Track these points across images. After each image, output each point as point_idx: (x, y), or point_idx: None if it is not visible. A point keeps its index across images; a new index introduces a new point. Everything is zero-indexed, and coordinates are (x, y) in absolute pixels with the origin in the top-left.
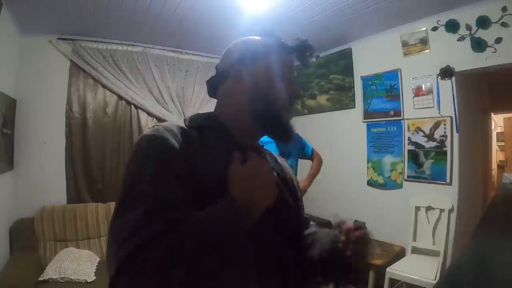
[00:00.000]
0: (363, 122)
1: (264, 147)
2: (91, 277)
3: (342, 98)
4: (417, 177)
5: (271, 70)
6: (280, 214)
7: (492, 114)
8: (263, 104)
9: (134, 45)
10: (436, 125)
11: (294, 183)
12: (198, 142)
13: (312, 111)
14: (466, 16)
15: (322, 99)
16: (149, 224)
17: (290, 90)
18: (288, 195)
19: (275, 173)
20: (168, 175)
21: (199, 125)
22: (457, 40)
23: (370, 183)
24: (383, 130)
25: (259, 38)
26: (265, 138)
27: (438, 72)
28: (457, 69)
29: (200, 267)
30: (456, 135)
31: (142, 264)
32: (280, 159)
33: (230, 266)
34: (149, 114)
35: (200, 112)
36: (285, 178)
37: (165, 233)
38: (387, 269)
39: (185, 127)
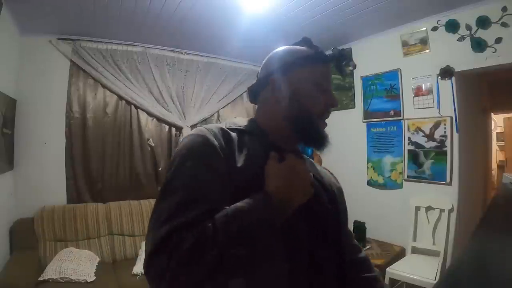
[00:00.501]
0: (363, 122)
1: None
2: (91, 277)
3: (342, 98)
4: (417, 177)
5: (307, 79)
6: (316, 216)
7: (492, 114)
8: (298, 112)
9: (134, 45)
10: (436, 125)
11: (334, 189)
12: (237, 143)
13: None
14: (466, 16)
15: None
16: (185, 213)
17: (326, 99)
18: (326, 199)
19: (311, 175)
20: (206, 170)
21: (239, 128)
22: (457, 40)
23: (370, 183)
24: (383, 130)
25: (298, 47)
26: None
27: (438, 72)
28: (457, 69)
29: (230, 256)
30: (456, 135)
31: (178, 245)
32: (320, 167)
33: (260, 258)
34: (149, 114)
35: (200, 112)
36: (323, 182)
37: (199, 221)
38: (387, 269)
39: (226, 128)
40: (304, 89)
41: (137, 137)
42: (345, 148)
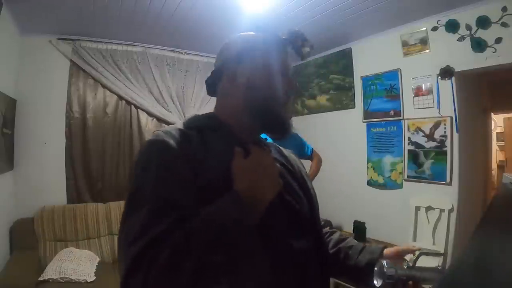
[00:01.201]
0: (363, 122)
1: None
2: (91, 277)
3: (342, 98)
4: (417, 177)
5: (264, 65)
6: (289, 205)
7: (492, 114)
8: (258, 100)
9: (134, 45)
10: (436, 125)
11: (303, 174)
12: (198, 142)
13: (312, 111)
14: (466, 16)
15: (322, 99)
16: (156, 223)
17: (286, 84)
18: (297, 186)
19: (278, 165)
20: (170, 176)
21: (197, 126)
22: (457, 40)
23: (370, 183)
24: (383, 130)
25: (252, 33)
26: (264, 136)
27: (438, 72)
28: (457, 69)
29: (208, 262)
30: (456, 135)
31: (153, 261)
32: (287, 152)
33: (239, 259)
34: (149, 114)
35: (200, 112)
36: (291, 170)
37: (171, 230)
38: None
39: (184, 128)
40: (260, 75)
41: (137, 137)
42: (345, 148)
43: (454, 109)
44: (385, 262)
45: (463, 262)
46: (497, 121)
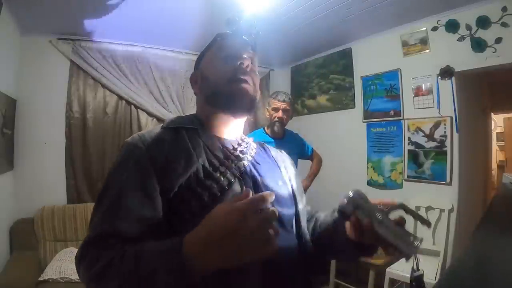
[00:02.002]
0: (363, 122)
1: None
2: None
3: (342, 98)
4: (417, 177)
5: (213, 58)
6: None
7: (492, 114)
8: (209, 88)
9: (134, 45)
10: (436, 125)
11: (288, 175)
12: (175, 145)
13: (312, 111)
14: (466, 16)
15: (322, 99)
16: (109, 223)
17: (233, 68)
18: (274, 185)
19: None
20: (134, 184)
21: (179, 126)
22: (457, 40)
23: (370, 183)
24: (383, 130)
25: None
26: (261, 137)
27: (438, 72)
28: (457, 69)
29: None
30: (456, 135)
31: (93, 261)
32: (276, 152)
33: None
34: (149, 114)
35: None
36: (285, 186)
37: (113, 236)
38: (387, 269)
39: (161, 131)
40: (211, 66)
41: None
42: (345, 148)
43: (454, 109)
44: (352, 192)
45: (463, 262)
46: (497, 121)
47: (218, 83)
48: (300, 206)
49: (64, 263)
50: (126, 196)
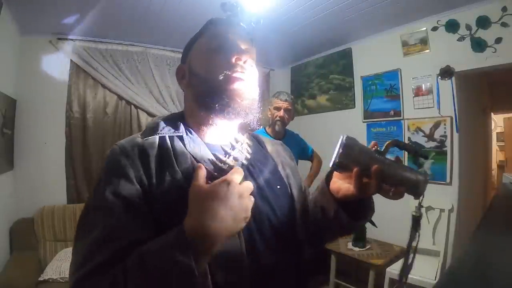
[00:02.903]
0: (363, 122)
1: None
2: None
3: (342, 98)
4: None
5: (202, 50)
6: (261, 228)
7: (492, 114)
8: (200, 83)
9: (134, 45)
10: (436, 125)
11: (283, 166)
12: (156, 156)
13: (312, 111)
14: (466, 16)
15: (322, 99)
16: (98, 253)
17: (226, 62)
18: (269, 191)
19: (251, 186)
20: (118, 202)
21: (159, 132)
22: (457, 40)
23: None
24: (383, 130)
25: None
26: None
27: (438, 72)
28: (457, 69)
29: None
30: (456, 135)
31: None
32: (272, 146)
33: None
34: (149, 114)
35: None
36: (263, 165)
37: (112, 263)
38: (387, 269)
39: (142, 141)
40: (202, 60)
41: None
42: None
43: (454, 109)
44: (345, 138)
45: (463, 262)
46: (497, 121)
47: (209, 80)
48: (298, 210)
49: (64, 263)
50: (115, 218)
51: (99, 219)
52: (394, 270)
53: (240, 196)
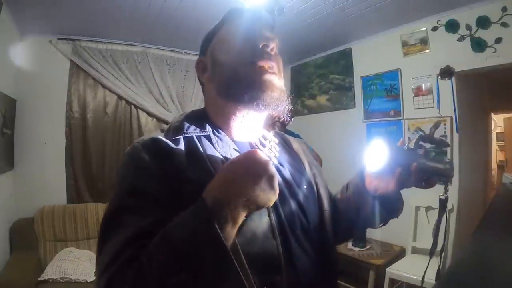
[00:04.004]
0: (363, 122)
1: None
2: (91, 277)
3: (342, 98)
4: None
5: (226, 39)
6: (287, 211)
7: (492, 114)
8: (225, 73)
9: (134, 45)
10: (436, 125)
11: (307, 164)
12: (180, 153)
13: (312, 111)
14: (466, 16)
15: (322, 99)
16: (126, 251)
17: (250, 50)
18: (299, 191)
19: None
20: (145, 199)
21: (184, 132)
22: (457, 40)
23: None
24: (383, 130)
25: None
26: None
27: (438, 72)
28: (457, 69)
29: (171, 284)
30: (456, 135)
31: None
32: (298, 144)
33: (209, 275)
34: (149, 114)
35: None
36: (293, 174)
37: (138, 257)
38: (387, 269)
39: (166, 135)
40: (226, 48)
41: (137, 137)
42: (345, 148)
43: (454, 109)
44: (378, 141)
45: (463, 262)
46: (497, 121)
47: (236, 69)
48: (326, 209)
49: (64, 263)
50: (142, 215)
51: (127, 219)
52: (394, 270)
53: (269, 178)
